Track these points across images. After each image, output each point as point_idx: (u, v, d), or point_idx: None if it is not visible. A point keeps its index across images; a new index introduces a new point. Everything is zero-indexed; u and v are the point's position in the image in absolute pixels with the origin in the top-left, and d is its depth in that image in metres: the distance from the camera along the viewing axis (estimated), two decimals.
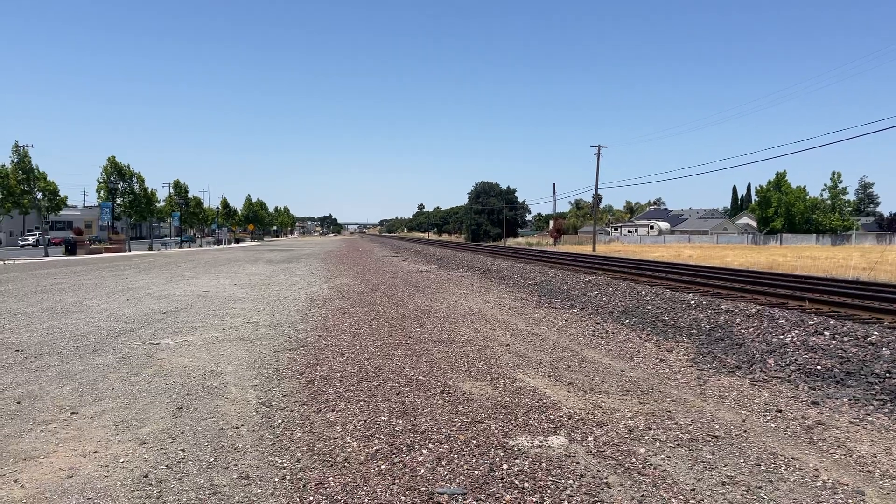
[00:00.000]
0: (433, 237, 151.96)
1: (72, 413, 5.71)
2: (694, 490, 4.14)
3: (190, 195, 68.17)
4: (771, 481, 4.32)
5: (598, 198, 67.11)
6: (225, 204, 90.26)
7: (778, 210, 76.92)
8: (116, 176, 49.30)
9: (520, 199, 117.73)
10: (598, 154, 60.44)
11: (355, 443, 4.97)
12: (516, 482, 4.21)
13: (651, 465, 4.56)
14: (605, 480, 4.26)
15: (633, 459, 4.66)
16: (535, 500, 3.97)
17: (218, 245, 73.02)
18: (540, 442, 5.02)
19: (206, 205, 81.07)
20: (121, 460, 4.57)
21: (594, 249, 56.36)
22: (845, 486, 4.25)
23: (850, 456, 4.87)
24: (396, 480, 4.23)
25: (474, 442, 4.99)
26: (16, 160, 38.05)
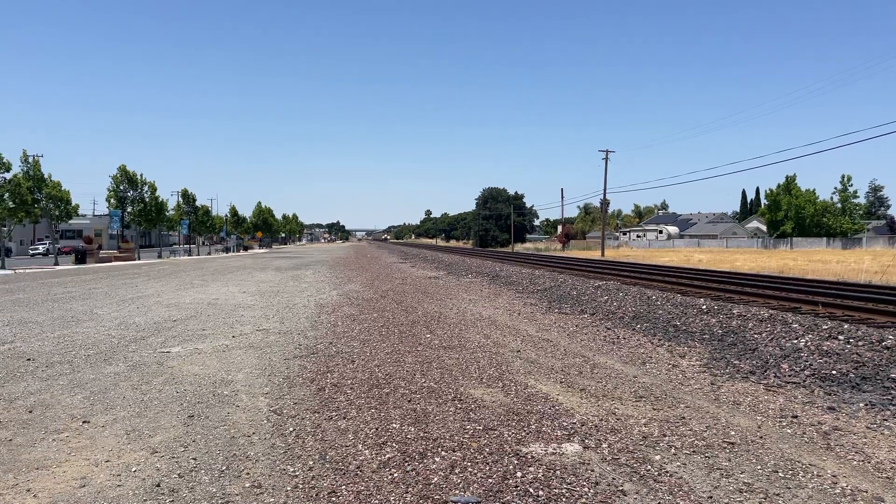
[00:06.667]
0: (441, 243, 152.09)
1: (83, 422, 5.71)
2: (711, 498, 4.08)
3: (198, 203, 68.53)
4: (789, 488, 4.26)
5: (606, 203, 66.99)
6: (234, 212, 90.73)
7: (788, 214, 76.45)
8: (127, 184, 49.67)
9: (527, 205, 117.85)
10: (606, 159, 60.42)
11: (367, 451, 4.94)
12: (531, 490, 4.17)
13: (667, 472, 4.51)
14: (620, 488, 4.22)
15: (649, 467, 4.61)
16: None
17: (227, 252, 73.30)
18: (553, 449, 4.97)
19: (215, 213, 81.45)
20: (133, 469, 4.56)
21: (603, 254, 56.25)
22: (864, 493, 4.19)
23: (869, 462, 4.80)
24: (409, 489, 4.20)
25: (487, 449, 4.95)
26: (26, 169, 38.36)
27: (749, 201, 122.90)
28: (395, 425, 5.57)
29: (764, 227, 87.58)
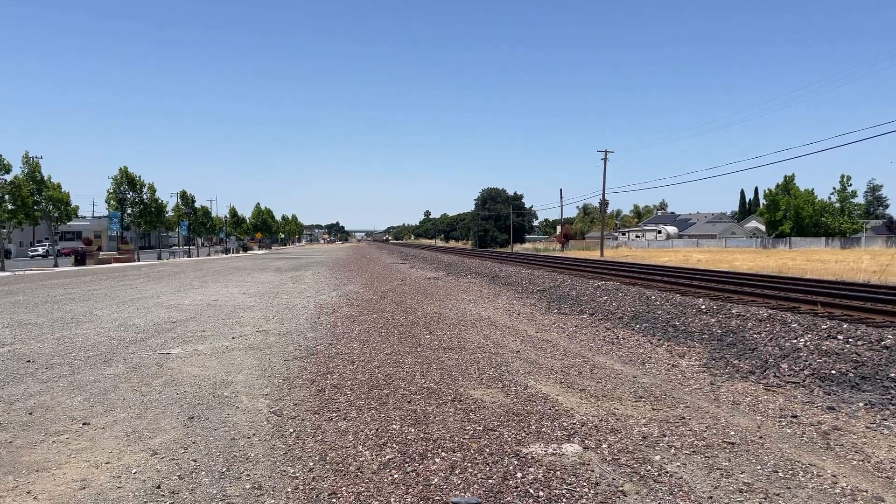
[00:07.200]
0: (440, 244, 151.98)
1: (83, 424, 5.71)
2: (711, 498, 4.09)
3: (198, 205, 68.55)
4: (789, 488, 4.26)
5: (605, 203, 66.97)
6: (233, 213, 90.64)
7: (787, 213, 76.49)
8: (127, 186, 49.67)
9: (527, 205, 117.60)
10: (605, 159, 60.43)
11: (367, 452, 4.94)
12: (531, 491, 4.17)
13: (667, 472, 4.51)
14: (620, 488, 4.22)
15: (649, 467, 4.61)
16: None
17: (226, 254, 73.24)
18: (554, 450, 4.97)
19: (214, 214, 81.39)
20: (133, 471, 4.56)
21: (602, 254, 56.25)
22: (864, 493, 4.19)
23: (869, 462, 4.81)
24: (410, 490, 4.20)
25: (487, 450, 4.95)
26: (27, 171, 38.34)
27: (748, 201, 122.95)
28: (395, 426, 5.58)
29: (763, 227, 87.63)
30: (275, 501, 4.05)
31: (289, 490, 4.22)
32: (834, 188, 78.50)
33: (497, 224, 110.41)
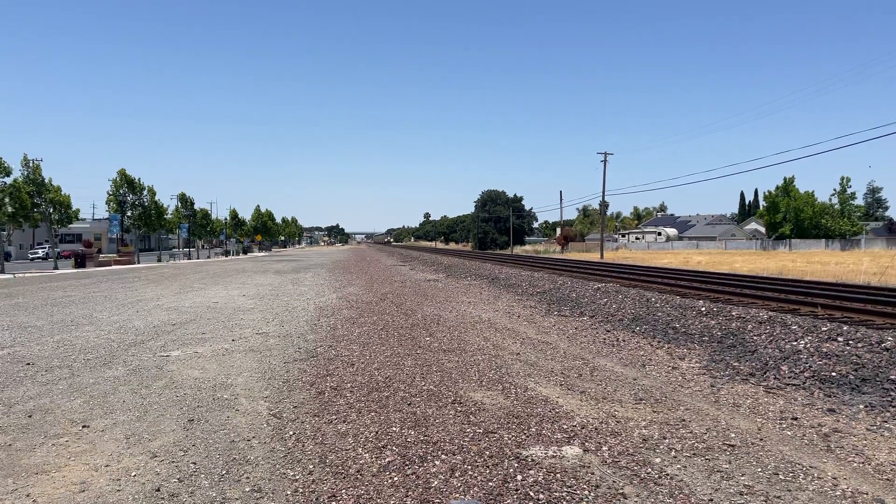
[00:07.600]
0: (440, 246, 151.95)
1: (83, 426, 5.71)
2: (712, 500, 4.08)
3: (198, 207, 68.53)
4: (790, 490, 4.26)
5: (604, 205, 67.02)
6: (234, 215, 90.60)
7: (786, 215, 76.46)
8: (127, 188, 49.69)
9: (526, 207, 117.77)
10: (605, 161, 60.45)
11: (367, 454, 4.93)
12: (531, 493, 4.16)
13: (667, 474, 4.51)
14: (621, 491, 4.21)
15: (649, 469, 4.60)
16: None
17: (226, 256, 73.22)
18: (554, 452, 4.97)
19: (214, 216, 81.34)
20: (133, 474, 4.55)
21: (602, 256, 56.25)
22: (865, 495, 4.19)
23: (869, 464, 4.80)
24: (410, 493, 4.19)
25: (487, 453, 4.94)
26: (27, 173, 38.32)
27: (748, 203, 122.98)
28: (394, 428, 5.57)
29: (762, 229, 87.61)
30: None
31: (288, 493, 4.21)
32: (834, 190, 78.61)
33: (497, 226, 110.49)
